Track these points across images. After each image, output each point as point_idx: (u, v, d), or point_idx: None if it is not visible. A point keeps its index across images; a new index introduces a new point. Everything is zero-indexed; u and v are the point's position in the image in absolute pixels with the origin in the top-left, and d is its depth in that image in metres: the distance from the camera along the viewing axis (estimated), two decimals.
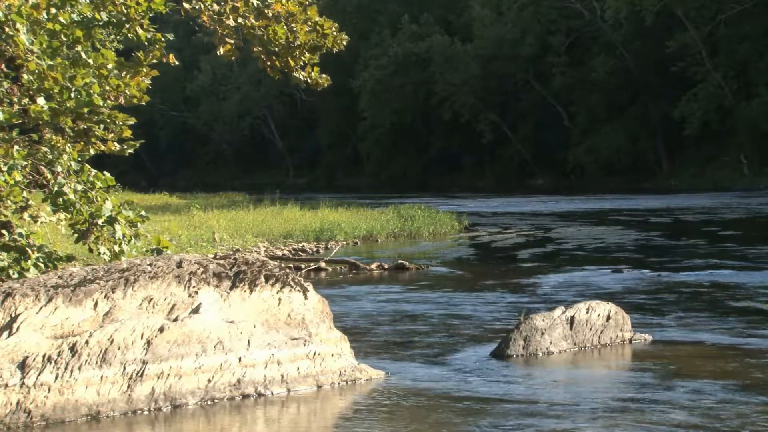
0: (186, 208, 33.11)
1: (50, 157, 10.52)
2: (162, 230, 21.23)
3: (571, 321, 11.10)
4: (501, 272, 19.93)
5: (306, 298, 9.56)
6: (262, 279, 9.37)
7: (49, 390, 7.94)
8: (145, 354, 8.38)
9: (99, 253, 10.64)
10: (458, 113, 76.36)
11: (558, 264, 20.92)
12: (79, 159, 10.65)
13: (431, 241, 28.12)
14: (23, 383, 7.87)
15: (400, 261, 20.72)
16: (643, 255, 22.54)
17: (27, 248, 10.34)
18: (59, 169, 10.46)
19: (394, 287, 17.42)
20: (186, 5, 12.16)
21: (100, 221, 10.53)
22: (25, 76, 10.54)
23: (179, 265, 9.13)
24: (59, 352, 8.06)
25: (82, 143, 10.98)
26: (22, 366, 7.91)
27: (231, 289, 9.21)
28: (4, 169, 9.85)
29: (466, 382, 9.49)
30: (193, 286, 8.99)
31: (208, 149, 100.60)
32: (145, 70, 11.55)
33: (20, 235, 10.54)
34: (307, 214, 30.65)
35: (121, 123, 11.05)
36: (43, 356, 8.00)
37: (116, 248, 10.64)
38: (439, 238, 28.96)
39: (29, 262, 10.24)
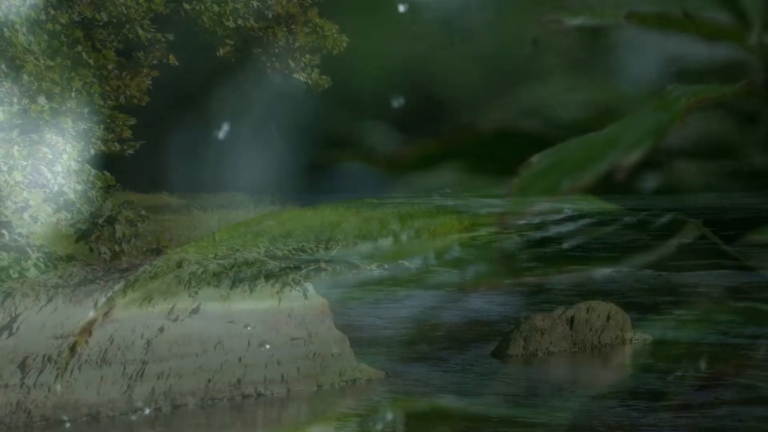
0: (186, 208, 33.07)
1: (50, 157, 10.51)
2: (162, 230, 21.21)
3: (571, 321, 11.10)
4: (501, 272, 19.90)
5: (306, 298, 9.55)
6: (262, 279, 9.37)
7: (49, 390, 7.93)
8: (145, 354, 8.37)
9: (99, 253, 10.63)
10: None
11: (558, 264, 20.87)
12: (79, 159, 10.64)
13: (431, 241, 28.07)
14: (23, 383, 7.87)
15: (399, 261, 20.69)
16: (643, 255, 22.47)
17: (27, 248, 10.34)
18: (59, 169, 10.46)
19: (394, 287, 17.39)
20: (186, 6, 12.15)
21: (100, 221, 10.53)
22: (25, 76, 10.53)
23: (179, 265, 9.13)
24: (59, 352, 8.06)
25: (82, 143, 10.97)
26: (22, 366, 7.91)
27: (231, 289, 9.21)
28: (4, 169, 9.84)
29: (466, 382, 9.48)
30: (193, 286, 8.99)
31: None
32: (145, 70, 11.56)
33: (20, 235, 10.53)
34: (307, 214, 30.62)
35: (121, 123, 11.05)
36: (43, 356, 8.00)
37: (116, 248, 10.64)
38: (440, 238, 28.91)
39: (29, 262, 10.23)
